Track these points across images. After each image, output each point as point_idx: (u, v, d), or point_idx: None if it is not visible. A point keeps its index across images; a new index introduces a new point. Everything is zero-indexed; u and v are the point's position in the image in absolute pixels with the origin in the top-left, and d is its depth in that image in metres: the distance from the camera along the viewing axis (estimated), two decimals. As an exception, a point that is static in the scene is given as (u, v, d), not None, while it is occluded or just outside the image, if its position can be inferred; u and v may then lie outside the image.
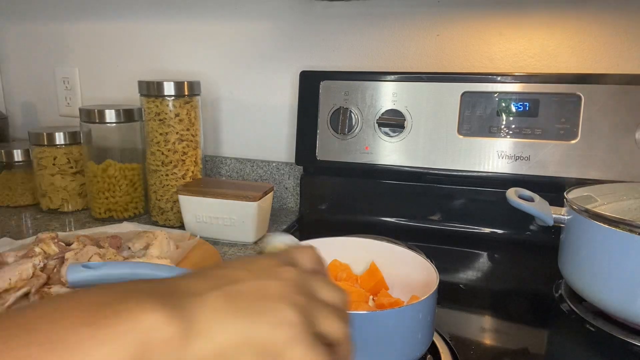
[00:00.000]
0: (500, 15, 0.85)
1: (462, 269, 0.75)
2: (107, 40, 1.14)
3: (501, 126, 0.79)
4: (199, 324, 0.23)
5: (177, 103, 0.86)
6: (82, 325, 0.20)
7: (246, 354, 0.24)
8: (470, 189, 0.84)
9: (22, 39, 1.23)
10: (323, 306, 0.28)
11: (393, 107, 0.84)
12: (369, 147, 0.86)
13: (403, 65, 0.92)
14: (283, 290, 0.27)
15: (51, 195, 0.96)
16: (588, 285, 0.57)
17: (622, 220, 0.51)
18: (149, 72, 1.10)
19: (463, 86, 0.81)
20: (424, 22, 0.89)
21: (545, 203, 0.65)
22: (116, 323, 0.21)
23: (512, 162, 0.79)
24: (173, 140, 0.86)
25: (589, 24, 0.81)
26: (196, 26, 1.05)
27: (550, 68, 0.84)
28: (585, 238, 0.57)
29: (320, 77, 0.89)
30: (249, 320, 0.25)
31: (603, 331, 0.55)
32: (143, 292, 0.23)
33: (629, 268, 0.52)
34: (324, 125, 0.88)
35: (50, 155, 0.95)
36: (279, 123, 1.03)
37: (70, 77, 1.19)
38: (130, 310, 0.22)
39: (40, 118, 1.26)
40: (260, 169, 1.04)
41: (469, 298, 0.66)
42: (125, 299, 0.22)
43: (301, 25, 0.97)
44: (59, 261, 0.64)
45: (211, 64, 1.05)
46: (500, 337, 0.57)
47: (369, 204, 0.90)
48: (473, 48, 0.88)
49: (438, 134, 0.82)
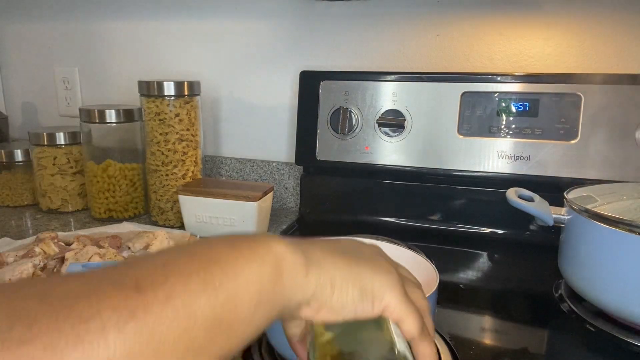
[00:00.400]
0: (500, 15, 0.85)
1: (462, 269, 0.75)
2: (107, 40, 1.14)
3: (501, 126, 0.79)
4: (313, 258, 0.28)
5: (177, 103, 0.86)
6: (232, 249, 0.25)
7: (351, 288, 0.29)
8: (470, 189, 0.84)
9: (22, 39, 1.23)
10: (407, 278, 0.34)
11: (393, 107, 0.84)
12: (369, 147, 0.86)
13: (403, 65, 0.92)
14: (375, 253, 0.33)
15: (51, 195, 0.96)
16: (588, 285, 0.57)
17: (622, 220, 0.51)
18: (149, 72, 1.10)
19: (463, 86, 0.81)
20: (424, 22, 0.89)
21: (545, 203, 0.65)
22: (256, 248, 0.26)
23: (512, 162, 0.79)
24: (173, 140, 0.86)
25: (589, 24, 0.81)
26: (196, 26, 1.05)
27: (550, 68, 0.84)
28: (585, 238, 0.57)
29: (320, 77, 0.89)
30: (354, 263, 0.30)
31: (603, 331, 0.55)
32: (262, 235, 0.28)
33: (629, 268, 0.52)
34: (324, 125, 0.88)
35: (50, 155, 0.95)
36: (279, 123, 1.03)
37: (70, 77, 1.19)
38: (262, 241, 0.27)
39: (40, 118, 1.26)
40: (260, 169, 1.04)
41: (469, 298, 0.66)
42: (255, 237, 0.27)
43: (301, 25, 0.97)
44: (59, 261, 0.64)
45: (211, 64, 1.05)
46: (500, 337, 0.57)
47: (369, 204, 0.90)
48: (473, 48, 0.88)
49: (438, 134, 0.82)
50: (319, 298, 0.28)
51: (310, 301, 0.28)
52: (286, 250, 0.27)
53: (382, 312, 0.30)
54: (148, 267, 0.23)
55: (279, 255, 0.26)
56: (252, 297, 0.24)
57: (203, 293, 0.22)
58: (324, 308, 0.28)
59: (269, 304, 0.26)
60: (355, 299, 0.29)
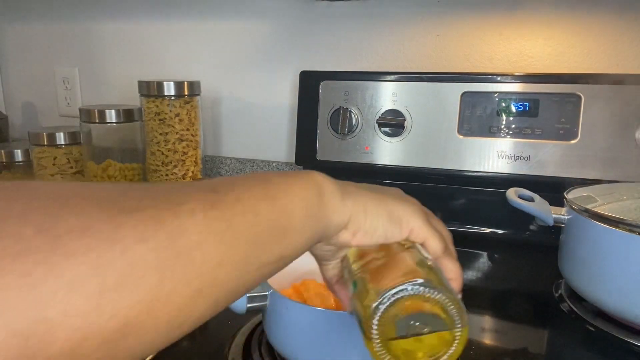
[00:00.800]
0: (500, 15, 0.85)
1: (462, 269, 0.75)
2: (107, 40, 1.14)
3: (501, 126, 0.79)
4: (347, 189, 0.33)
5: (177, 103, 0.86)
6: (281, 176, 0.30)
7: (381, 213, 0.33)
8: (470, 189, 0.84)
9: (22, 39, 1.23)
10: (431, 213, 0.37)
11: (393, 107, 0.84)
12: (369, 147, 0.86)
13: (403, 65, 0.92)
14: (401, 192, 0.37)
15: (51, 195, 0.96)
16: (588, 285, 0.57)
17: (622, 220, 0.51)
18: (149, 72, 1.10)
19: (463, 86, 0.81)
20: (424, 22, 0.89)
21: (545, 203, 0.65)
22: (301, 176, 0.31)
23: (512, 162, 0.79)
24: (173, 140, 0.86)
25: (589, 24, 0.81)
26: (196, 26, 1.05)
27: (550, 68, 0.84)
28: (585, 238, 0.57)
29: (320, 77, 0.89)
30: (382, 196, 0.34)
31: (603, 331, 0.55)
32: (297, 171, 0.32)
33: (629, 268, 0.51)
34: (324, 125, 0.88)
35: (50, 155, 0.95)
36: (279, 123, 1.03)
37: (70, 77, 1.19)
38: (305, 172, 0.31)
39: (40, 118, 1.26)
40: (260, 168, 1.04)
41: (469, 298, 0.65)
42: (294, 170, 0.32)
43: (301, 25, 0.97)
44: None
45: (211, 63, 1.05)
46: (500, 337, 0.57)
47: (369, 204, 0.90)
48: (473, 48, 0.88)
49: (438, 134, 0.82)
50: (354, 222, 0.32)
51: (347, 225, 0.32)
52: (325, 180, 0.32)
53: (408, 234, 0.34)
54: (216, 181, 0.27)
55: (320, 182, 0.31)
56: (301, 210, 0.29)
57: (264, 201, 0.27)
58: (360, 231, 0.32)
59: (315, 219, 0.30)
60: (385, 223, 0.33)
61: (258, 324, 0.52)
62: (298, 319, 0.42)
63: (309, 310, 0.42)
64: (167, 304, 0.21)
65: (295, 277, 0.54)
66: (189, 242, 0.22)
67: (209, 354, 0.50)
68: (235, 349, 0.49)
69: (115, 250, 0.20)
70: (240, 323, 0.52)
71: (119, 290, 0.20)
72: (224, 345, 0.49)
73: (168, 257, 0.21)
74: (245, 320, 0.52)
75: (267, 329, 0.46)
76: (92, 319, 0.19)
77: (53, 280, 0.18)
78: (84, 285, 0.19)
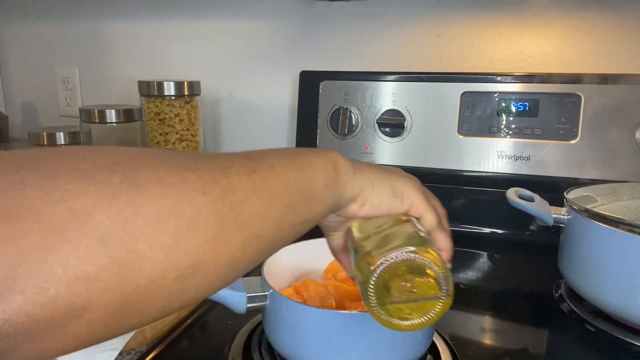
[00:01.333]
0: (500, 15, 0.85)
1: (462, 269, 0.75)
2: (107, 40, 1.14)
3: (501, 126, 0.79)
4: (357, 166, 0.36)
5: (177, 103, 0.86)
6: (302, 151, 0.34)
7: (386, 187, 0.37)
8: (470, 189, 0.84)
9: (22, 39, 1.23)
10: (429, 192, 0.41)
11: (393, 107, 0.84)
12: (369, 147, 0.86)
13: (403, 65, 0.92)
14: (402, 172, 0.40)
15: (51, 195, 0.96)
16: (588, 285, 0.57)
17: (622, 220, 0.51)
18: (149, 72, 1.10)
19: (463, 86, 0.81)
20: (424, 22, 0.89)
21: (545, 203, 0.65)
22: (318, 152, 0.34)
23: (512, 162, 0.79)
24: (173, 140, 0.86)
25: (589, 24, 0.81)
26: (196, 26, 1.05)
27: (550, 68, 0.84)
28: (585, 238, 0.57)
29: (320, 77, 0.89)
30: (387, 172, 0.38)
31: (603, 331, 0.55)
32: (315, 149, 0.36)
33: (629, 268, 0.51)
34: (324, 126, 0.88)
35: (50, 155, 0.95)
36: (279, 123, 1.03)
37: (70, 77, 1.19)
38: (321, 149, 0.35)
39: (40, 118, 1.26)
40: (260, 169, 1.04)
41: (469, 298, 0.66)
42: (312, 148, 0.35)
43: (301, 25, 0.97)
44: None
45: (211, 64, 1.05)
46: (500, 337, 0.57)
47: (369, 204, 0.90)
48: (473, 48, 0.88)
49: (438, 134, 0.82)
50: (363, 194, 0.36)
51: (357, 197, 0.36)
52: (340, 157, 0.35)
53: (409, 207, 0.37)
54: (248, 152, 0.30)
55: (336, 158, 0.34)
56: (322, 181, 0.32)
57: (292, 170, 0.30)
58: (367, 203, 0.36)
59: (333, 189, 0.33)
60: (389, 196, 0.37)
61: (258, 324, 0.52)
62: (298, 319, 0.42)
63: (309, 310, 0.42)
64: (225, 247, 0.25)
65: (295, 277, 0.54)
66: (239, 198, 0.26)
67: (209, 354, 0.50)
68: (235, 349, 0.49)
69: (183, 198, 0.23)
70: (240, 323, 0.52)
71: (191, 231, 0.23)
72: (224, 345, 0.49)
73: (223, 208, 0.25)
74: (245, 320, 0.52)
75: (267, 329, 0.46)
76: (172, 253, 0.22)
77: (141, 219, 0.22)
78: (166, 224, 0.22)
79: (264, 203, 0.28)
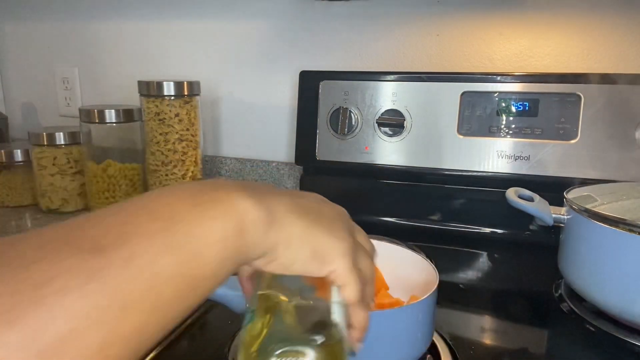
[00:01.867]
0: (500, 15, 0.85)
1: (462, 269, 0.75)
2: (107, 40, 1.14)
3: (501, 126, 0.79)
4: (276, 214, 0.29)
5: (177, 103, 0.86)
6: (193, 206, 0.25)
7: (304, 248, 0.30)
8: (470, 189, 0.84)
9: (22, 39, 1.23)
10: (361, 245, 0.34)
11: (393, 107, 0.84)
12: (369, 147, 0.86)
13: (403, 65, 0.92)
14: (337, 216, 0.34)
15: (51, 195, 0.96)
16: (588, 285, 0.57)
17: (622, 220, 0.51)
18: (148, 72, 1.10)
19: (463, 86, 0.81)
20: (424, 22, 0.89)
21: (545, 203, 0.65)
22: (219, 205, 0.26)
23: (512, 162, 0.79)
24: (173, 140, 0.87)
25: (589, 23, 0.81)
26: (196, 26, 1.05)
27: (550, 68, 0.84)
28: (585, 238, 0.57)
29: (320, 77, 0.89)
30: (313, 224, 0.30)
31: (603, 331, 0.55)
32: (228, 185, 0.28)
33: (629, 268, 0.51)
34: (324, 125, 0.88)
35: (50, 155, 0.95)
36: (279, 123, 1.03)
37: (70, 77, 1.19)
38: (224, 197, 0.27)
39: (40, 118, 1.27)
40: (260, 169, 1.04)
41: (469, 298, 0.66)
42: (216, 189, 0.27)
43: (301, 25, 0.97)
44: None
45: (211, 63, 1.05)
46: (500, 337, 0.57)
47: (368, 204, 0.90)
48: (473, 48, 0.88)
49: (438, 134, 0.82)
50: (273, 252, 0.29)
51: (265, 254, 0.29)
52: (250, 206, 0.27)
53: (328, 274, 0.31)
54: (107, 226, 0.23)
55: (243, 211, 0.27)
56: (216, 255, 0.25)
57: (166, 253, 0.23)
58: (275, 262, 0.29)
59: (231, 260, 0.26)
60: (306, 259, 0.30)
61: (258, 324, 0.52)
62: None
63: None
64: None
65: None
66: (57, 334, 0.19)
67: (209, 354, 0.50)
68: (235, 349, 0.49)
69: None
70: (240, 323, 0.52)
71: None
72: (224, 345, 0.49)
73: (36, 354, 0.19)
74: (245, 320, 0.52)
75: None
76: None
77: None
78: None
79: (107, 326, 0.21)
